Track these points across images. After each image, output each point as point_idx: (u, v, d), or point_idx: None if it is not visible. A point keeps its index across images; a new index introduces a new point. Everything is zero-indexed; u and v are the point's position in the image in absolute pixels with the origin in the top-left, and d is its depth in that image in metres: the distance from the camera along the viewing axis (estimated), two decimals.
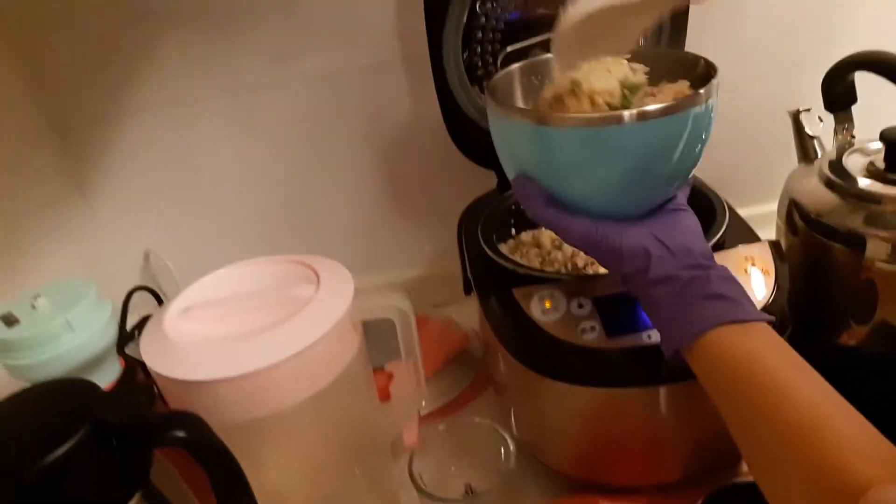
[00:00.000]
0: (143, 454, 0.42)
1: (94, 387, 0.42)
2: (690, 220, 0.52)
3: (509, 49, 0.71)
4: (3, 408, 0.41)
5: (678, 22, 0.71)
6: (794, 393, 0.40)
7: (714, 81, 0.49)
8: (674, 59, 0.57)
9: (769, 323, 0.45)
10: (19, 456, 0.37)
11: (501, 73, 0.59)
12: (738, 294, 0.46)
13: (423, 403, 0.59)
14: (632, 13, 0.53)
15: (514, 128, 0.51)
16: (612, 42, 0.55)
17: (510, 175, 0.54)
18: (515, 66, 0.60)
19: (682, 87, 0.53)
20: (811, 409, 0.39)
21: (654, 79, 0.54)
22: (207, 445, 0.42)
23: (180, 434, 0.41)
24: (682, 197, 0.55)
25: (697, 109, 0.47)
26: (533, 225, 0.73)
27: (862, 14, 0.86)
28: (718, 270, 0.48)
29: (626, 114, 0.46)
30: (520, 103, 0.61)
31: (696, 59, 0.55)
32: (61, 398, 0.42)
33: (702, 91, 0.47)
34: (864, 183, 0.61)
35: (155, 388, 0.52)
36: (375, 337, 0.73)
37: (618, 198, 0.50)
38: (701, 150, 0.51)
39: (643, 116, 0.45)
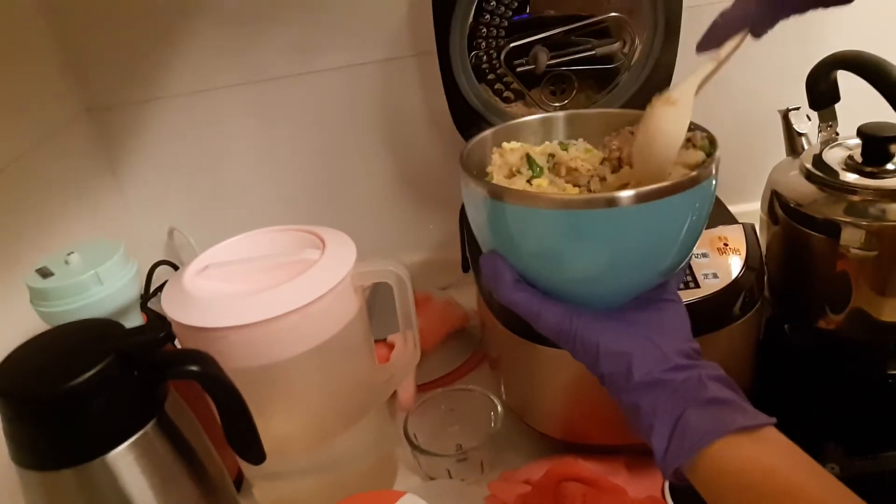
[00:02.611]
0: (160, 385, 0.47)
1: (118, 325, 0.47)
2: (680, 314, 0.46)
3: (512, 44, 0.76)
4: (37, 341, 0.47)
5: (671, 26, 0.74)
6: (810, 501, 0.37)
7: (717, 154, 0.43)
8: None
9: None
10: (50, 380, 0.42)
11: (474, 140, 0.51)
12: (737, 395, 0.42)
13: (417, 360, 0.64)
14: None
15: (485, 204, 0.44)
16: None
17: (483, 247, 0.48)
18: (488, 132, 0.52)
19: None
20: None
21: None
22: (217, 380, 0.46)
23: (194, 368, 0.45)
24: (675, 285, 0.49)
25: (701, 189, 0.41)
26: None
27: (851, 12, 0.88)
28: (710, 369, 0.43)
29: (616, 196, 0.39)
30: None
31: (692, 131, 0.47)
32: (89, 334, 0.47)
33: (711, 164, 0.42)
34: (842, 175, 0.64)
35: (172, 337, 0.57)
36: (379, 312, 0.78)
37: (598, 287, 0.45)
38: (699, 234, 0.45)
39: (642, 198, 0.39)
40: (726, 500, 0.39)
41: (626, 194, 0.39)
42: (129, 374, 0.44)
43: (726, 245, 0.61)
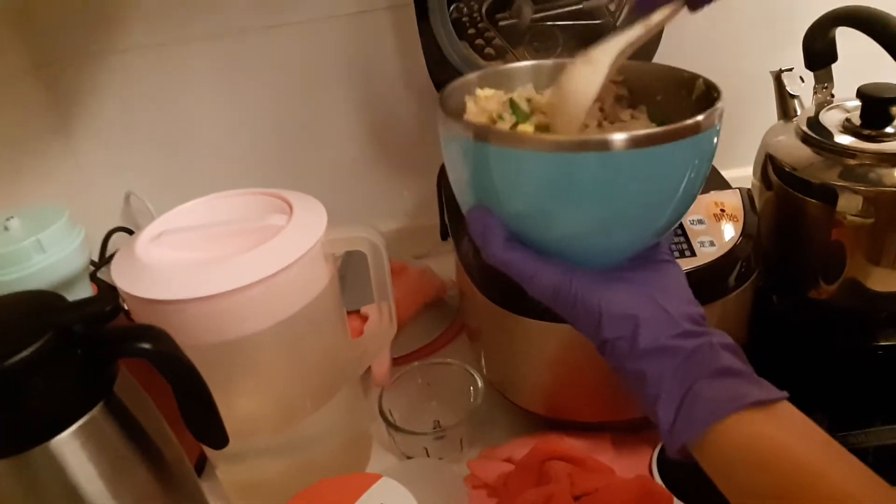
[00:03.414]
0: (108, 365, 0.43)
1: (59, 297, 0.43)
2: (679, 274, 0.43)
3: None
4: None
5: None
6: (828, 483, 0.35)
7: (720, 105, 0.40)
8: (664, 77, 0.47)
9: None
10: None
11: (455, 82, 0.47)
12: (748, 367, 0.39)
13: (393, 334, 0.60)
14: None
15: (471, 149, 0.40)
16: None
17: (464, 206, 0.44)
18: (473, 75, 0.48)
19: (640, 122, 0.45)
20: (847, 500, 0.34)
21: (638, 99, 0.48)
22: (172, 359, 0.42)
23: (145, 346, 0.41)
24: (667, 245, 0.46)
25: (706, 136, 0.38)
26: None
27: None
28: (719, 336, 0.40)
29: (611, 139, 0.36)
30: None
31: (692, 78, 0.45)
32: (26, 307, 0.42)
33: (713, 112, 0.38)
34: (839, 138, 0.62)
35: (123, 310, 0.53)
36: (352, 282, 0.74)
37: (593, 242, 0.41)
38: (698, 189, 0.42)
39: (637, 143, 0.36)
40: (737, 479, 0.37)
41: (621, 137, 0.36)
42: (73, 353, 0.40)
43: (723, 211, 0.58)
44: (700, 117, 0.37)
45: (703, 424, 0.37)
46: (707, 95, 0.43)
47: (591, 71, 0.42)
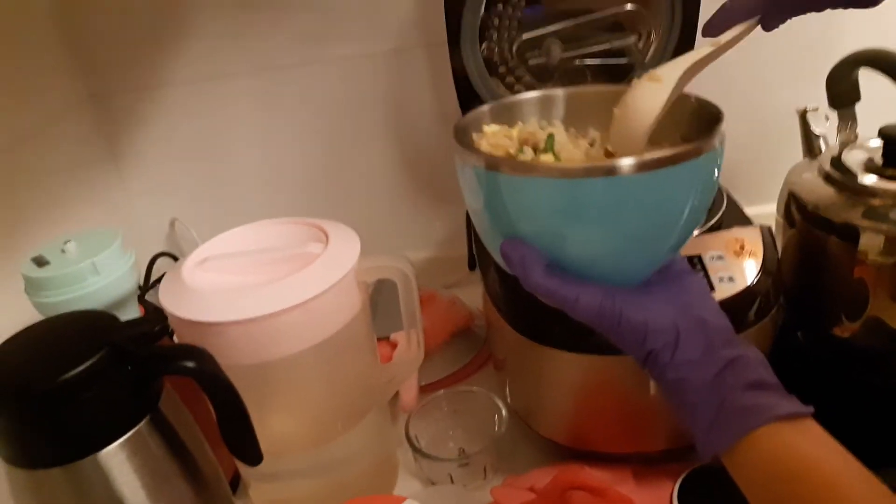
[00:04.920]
0: (154, 381, 0.46)
1: (113, 317, 0.46)
2: (703, 285, 0.46)
3: (525, 36, 0.74)
4: (28, 333, 0.45)
5: (688, 20, 0.72)
6: (854, 498, 0.36)
7: (722, 126, 0.41)
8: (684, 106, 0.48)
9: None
10: (41, 372, 0.41)
11: (469, 115, 0.49)
12: (778, 381, 0.41)
13: (420, 361, 0.62)
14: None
15: (483, 178, 0.42)
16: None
17: (493, 241, 0.45)
18: (484, 107, 0.51)
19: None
20: None
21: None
22: (214, 377, 0.45)
23: (189, 364, 0.44)
24: (680, 255, 0.48)
25: (707, 159, 0.40)
26: None
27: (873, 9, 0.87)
28: (753, 350, 0.42)
29: (615, 164, 0.38)
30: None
31: (699, 103, 0.46)
32: (82, 325, 0.45)
33: (713, 136, 0.40)
34: (862, 178, 0.62)
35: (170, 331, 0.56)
36: (383, 310, 0.77)
37: (612, 265, 0.43)
38: (707, 207, 0.44)
39: (640, 167, 0.38)
40: (763, 488, 0.39)
41: (627, 162, 0.37)
42: (123, 369, 0.43)
43: (742, 248, 0.59)
44: (700, 142, 0.39)
45: (737, 434, 0.38)
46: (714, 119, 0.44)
47: (657, 88, 0.43)
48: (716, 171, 0.42)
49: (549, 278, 0.42)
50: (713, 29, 0.43)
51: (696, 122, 0.46)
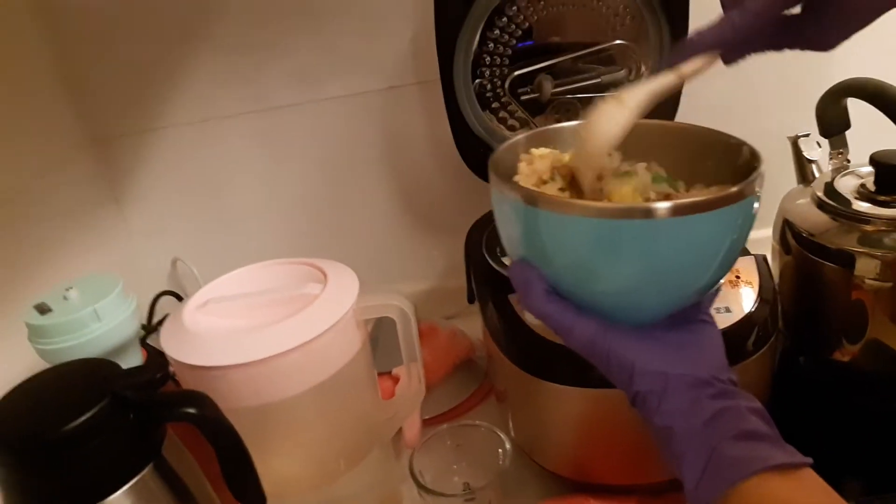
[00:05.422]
0: (157, 428, 0.46)
1: (115, 365, 0.46)
2: (715, 336, 0.45)
3: (516, 72, 0.75)
4: (33, 382, 0.45)
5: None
6: None
7: (761, 170, 0.41)
8: (706, 141, 0.49)
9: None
10: (45, 422, 0.41)
11: (505, 144, 0.50)
12: (774, 431, 0.40)
13: (422, 395, 0.62)
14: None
15: (521, 211, 0.42)
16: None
17: (513, 258, 0.46)
18: (521, 136, 0.51)
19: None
20: None
21: (687, 163, 0.48)
22: (215, 423, 0.45)
23: (191, 410, 0.44)
24: (708, 306, 0.47)
25: (747, 203, 0.39)
26: None
27: (861, 39, 0.88)
28: (748, 400, 0.41)
29: (653, 207, 0.37)
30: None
31: (738, 145, 0.46)
32: (85, 374, 0.45)
33: (754, 180, 0.39)
34: (855, 204, 0.63)
35: (171, 375, 0.56)
36: (384, 345, 0.77)
37: (632, 302, 0.43)
38: (738, 253, 0.43)
39: (678, 211, 0.37)
40: None
41: (663, 206, 0.37)
42: (126, 417, 0.43)
43: (738, 277, 0.60)
44: (741, 185, 0.39)
45: (726, 484, 0.38)
46: (748, 161, 0.44)
47: (619, 112, 0.43)
48: (754, 215, 0.42)
49: (548, 304, 0.42)
50: (675, 58, 0.44)
51: (720, 160, 0.46)
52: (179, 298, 0.93)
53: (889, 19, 0.41)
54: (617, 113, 0.43)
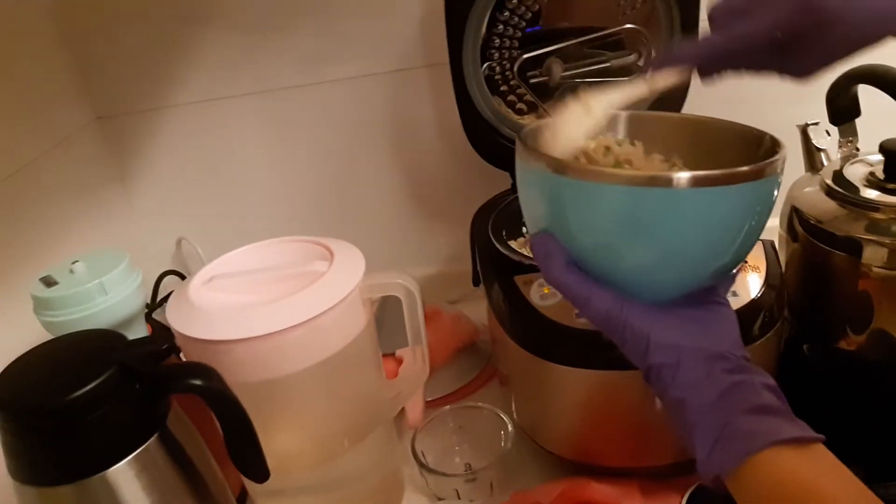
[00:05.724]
0: (162, 399, 0.46)
1: (121, 336, 0.46)
2: (731, 317, 0.45)
3: (525, 56, 0.75)
4: (37, 352, 0.46)
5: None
6: None
7: (783, 152, 0.42)
8: (726, 133, 0.50)
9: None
10: (51, 391, 0.41)
11: (531, 126, 0.50)
12: (786, 407, 0.41)
13: (426, 376, 0.62)
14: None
15: (548, 181, 0.42)
16: None
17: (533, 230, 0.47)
18: (550, 119, 0.50)
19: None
20: None
21: (708, 155, 0.48)
22: (221, 395, 0.45)
23: (197, 382, 0.44)
24: (724, 291, 0.48)
25: (767, 182, 0.40)
26: None
27: None
28: (762, 376, 0.42)
29: (680, 176, 0.38)
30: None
31: (760, 136, 0.47)
32: (91, 344, 0.46)
33: (774, 161, 0.40)
34: (863, 192, 0.63)
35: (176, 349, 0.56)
36: (388, 326, 0.77)
37: (650, 277, 0.43)
38: (758, 235, 0.44)
39: (702, 182, 0.38)
40: None
41: (686, 175, 0.38)
42: (131, 388, 0.43)
43: (746, 262, 0.60)
44: (761, 164, 0.39)
45: (739, 457, 0.38)
46: (769, 150, 0.44)
47: (585, 115, 0.45)
48: (773, 199, 0.43)
49: (567, 274, 0.43)
50: (655, 65, 0.45)
51: (739, 150, 0.46)
52: (183, 278, 0.93)
53: None
54: (584, 119, 0.45)
